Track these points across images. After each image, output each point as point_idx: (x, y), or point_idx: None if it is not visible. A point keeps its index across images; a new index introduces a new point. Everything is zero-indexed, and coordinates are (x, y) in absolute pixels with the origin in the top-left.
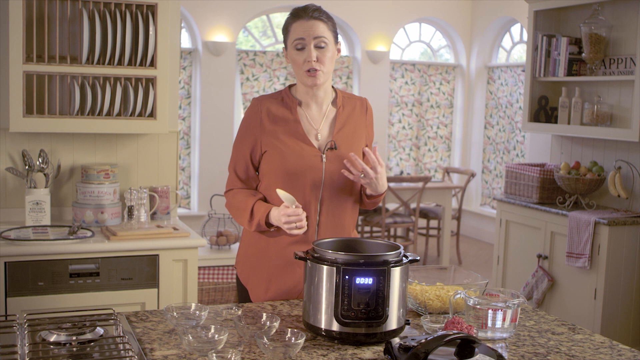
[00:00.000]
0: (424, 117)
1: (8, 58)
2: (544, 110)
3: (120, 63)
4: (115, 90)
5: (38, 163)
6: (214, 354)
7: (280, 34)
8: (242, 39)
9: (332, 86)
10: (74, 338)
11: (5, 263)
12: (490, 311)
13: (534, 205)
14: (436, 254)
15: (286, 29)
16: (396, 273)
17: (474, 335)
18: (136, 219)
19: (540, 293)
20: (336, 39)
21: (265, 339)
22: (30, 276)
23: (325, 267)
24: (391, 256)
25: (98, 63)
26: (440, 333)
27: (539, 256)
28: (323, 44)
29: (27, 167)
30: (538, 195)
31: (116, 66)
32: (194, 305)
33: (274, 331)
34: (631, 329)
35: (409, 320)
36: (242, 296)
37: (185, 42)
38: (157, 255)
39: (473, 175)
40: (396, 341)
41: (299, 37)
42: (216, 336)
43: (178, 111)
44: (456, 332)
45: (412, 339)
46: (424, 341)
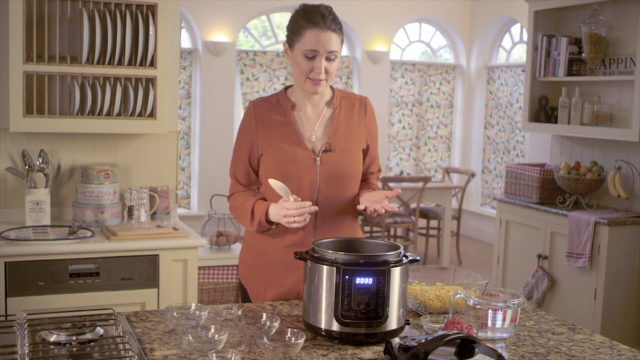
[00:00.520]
0: (424, 117)
1: (8, 58)
2: (544, 110)
3: (120, 63)
4: (115, 90)
5: (38, 163)
6: (214, 354)
7: (281, 33)
8: (242, 39)
9: (330, 85)
10: (74, 338)
11: (5, 263)
12: (490, 311)
13: (534, 205)
14: (436, 254)
15: (297, 30)
16: (396, 273)
17: (474, 335)
18: (136, 219)
19: (540, 293)
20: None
21: (265, 339)
22: (30, 276)
23: (325, 267)
24: (391, 256)
25: (98, 63)
26: (440, 333)
27: (539, 256)
28: (334, 57)
29: (27, 167)
30: (538, 195)
31: (116, 66)
32: (194, 305)
33: (274, 331)
34: (631, 329)
35: (409, 320)
36: (243, 296)
37: (185, 42)
38: (157, 255)
39: (473, 175)
40: (396, 341)
41: (313, 48)
42: (216, 336)
43: (178, 111)
44: (456, 332)
45: (412, 339)
46: (424, 341)
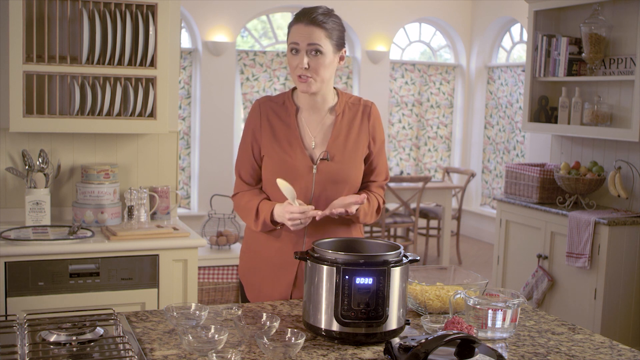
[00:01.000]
0: (424, 117)
1: (8, 58)
2: (544, 110)
3: (120, 63)
4: (115, 90)
5: (38, 163)
6: (214, 354)
7: (281, 33)
8: (242, 39)
9: (337, 90)
10: (74, 338)
11: (5, 263)
12: (490, 311)
13: (534, 205)
14: (436, 254)
15: (288, 29)
16: (396, 273)
17: (474, 335)
18: (136, 219)
19: (540, 293)
20: (339, 46)
21: (265, 339)
22: (30, 276)
23: (325, 267)
24: (391, 256)
25: (98, 63)
26: (440, 333)
27: (539, 256)
28: (317, 52)
29: (27, 167)
30: (538, 195)
31: (116, 66)
32: (194, 305)
33: (274, 331)
34: (631, 329)
35: (409, 320)
36: (242, 294)
37: (185, 42)
38: (157, 255)
39: (473, 175)
40: (396, 341)
41: (294, 41)
42: (216, 336)
43: (178, 111)
44: (456, 332)
45: (412, 339)
46: (424, 341)
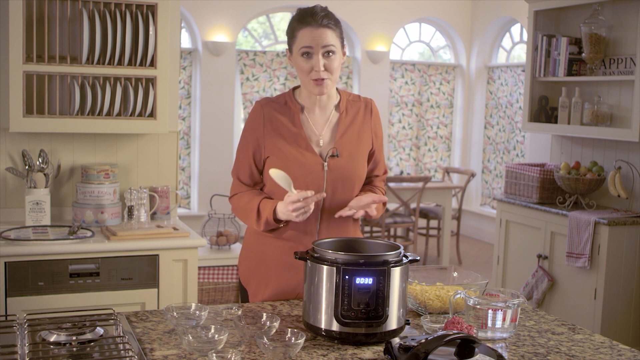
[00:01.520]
0: (424, 117)
1: (8, 58)
2: (544, 110)
3: (120, 63)
4: (115, 90)
5: (38, 163)
6: (214, 354)
7: (281, 34)
8: (242, 39)
9: (337, 89)
10: (74, 338)
11: (5, 263)
12: (490, 311)
13: (534, 205)
14: (436, 254)
15: (292, 33)
16: (396, 273)
17: (474, 335)
18: (136, 219)
19: (540, 293)
20: (343, 43)
21: (265, 339)
22: (30, 276)
23: (325, 267)
24: (391, 256)
25: (98, 63)
26: (440, 333)
27: (539, 256)
28: (331, 52)
29: (27, 167)
30: (538, 195)
31: (116, 66)
32: (194, 305)
33: (274, 331)
34: (631, 329)
35: (409, 320)
36: (243, 297)
37: (185, 42)
38: (157, 255)
39: (473, 175)
40: (396, 341)
41: (307, 45)
42: (216, 336)
43: (178, 111)
44: (456, 332)
45: (412, 339)
46: (424, 341)
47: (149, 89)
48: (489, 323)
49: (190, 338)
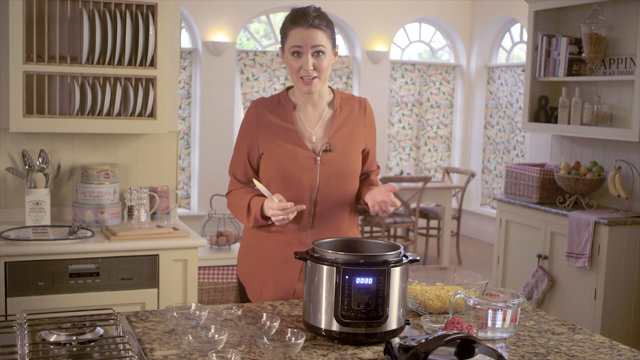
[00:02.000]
0: (424, 117)
1: (8, 58)
2: (544, 110)
3: (120, 63)
4: (115, 90)
5: (38, 163)
6: (214, 354)
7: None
8: (242, 39)
9: (330, 87)
10: (74, 338)
11: (5, 263)
12: (490, 311)
13: (534, 205)
14: (436, 254)
15: (284, 32)
16: (396, 273)
17: (474, 335)
18: (136, 219)
19: (540, 293)
20: (334, 44)
21: (265, 339)
22: (30, 276)
23: (325, 267)
24: (391, 256)
25: (98, 63)
26: (440, 333)
27: (539, 256)
28: (321, 52)
29: (27, 167)
30: (538, 195)
31: (116, 66)
32: (194, 305)
33: (274, 331)
34: (631, 329)
35: (409, 320)
36: (241, 294)
37: (185, 42)
38: (157, 255)
39: (473, 175)
40: (396, 341)
41: (297, 44)
42: (216, 336)
43: (178, 111)
44: (456, 332)
45: (412, 339)
46: (424, 341)
47: (149, 89)
48: (489, 323)
49: (190, 338)
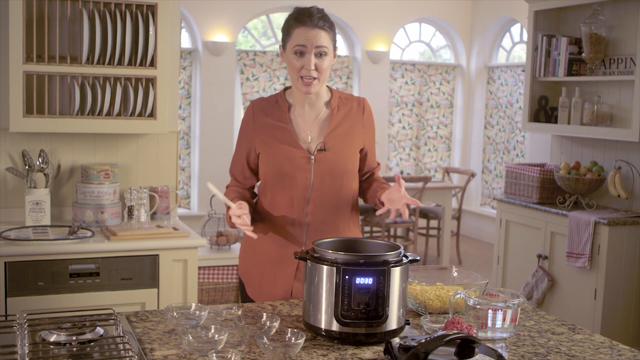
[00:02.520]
0: (424, 117)
1: (8, 58)
2: (544, 110)
3: (120, 63)
4: (115, 90)
5: (38, 163)
6: (214, 354)
7: (281, 33)
8: (242, 39)
9: (329, 87)
10: (74, 338)
11: (5, 263)
12: (490, 311)
13: (534, 205)
14: (436, 254)
15: (287, 31)
16: (396, 273)
17: (474, 335)
18: (136, 219)
19: (540, 293)
20: (335, 46)
21: (265, 339)
22: (30, 276)
23: (325, 267)
24: (391, 256)
25: (98, 63)
26: (440, 333)
27: (539, 256)
28: (323, 53)
29: (27, 167)
30: (538, 195)
31: (116, 66)
32: (194, 305)
33: (274, 331)
34: (631, 329)
35: (409, 320)
36: (242, 291)
37: (185, 42)
38: (157, 255)
39: (473, 175)
40: (396, 341)
41: (300, 44)
42: (216, 336)
43: (178, 111)
44: (456, 332)
45: (412, 339)
46: (424, 341)
47: (149, 89)
48: (489, 323)
49: (190, 338)
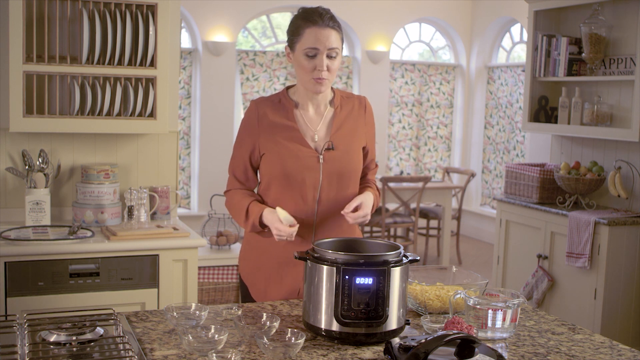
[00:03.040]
0: (424, 117)
1: (8, 58)
2: (544, 110)
3: (120, 63)
4: (115, 90)
5: (38, 163)
6: (214, 354)
7: (281, 33)
8: (242, 39)
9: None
10: (74, 338)
11: (5, 263)
12: (490, 311)
13: (534, 205)
14: (436, 254)
15: (297, 31)
16: (396, 273)
17: (474, 335)
18: (136, 219)
19: (540, 293)
20: (342, 46)
21: (265, 339)
22: (30, 276)
23: (325, 267)
24: (391, 256)
25: (98, 63)
26: (440, 333)
27: (539, 256)
28: (335, 54)
29: (27, 167)
30: (538, 195)
31: (116, 66)
32: (194, 305)
33: (274, 331)
34: (631, 329)
35: (409, 320)
36: (243, 293)
37: (185, 42)
38: (157, 255)
39: (473, 175)
40: (396, 341)
41: (313, 46)
42: (216, 336)
43: (178, 111)
44: (456, 332)
45: (412, 339)
46: (424, 341)
47: (149, 89)
48: (489, 323)
49: (190, 338)
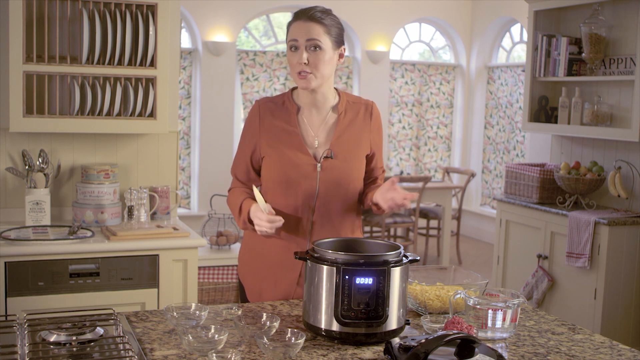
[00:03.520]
0: (424, 117)
1: (8, 58)
2: (544, 110)
3: (120, 63)
4: (115, 90)
5: (38, 163)
6: (214, 354)
7: (281, 33)
8: (242, 39)
9: (337, 90)
10: (74, 338)
11: (5, 263)
12: (490, 311)
13: (534, 205)
14: (436, 254)
15: (287, 28)
16: (396, 273)
17: (474, 335)
18: (136, 219)
19: (540, 293)
20: (338, 43)
21: (265, 339)
22: (30, 276)
23: (325, 267)
24: (391, 256)
25: (98, 63)
26: (440, 333)
27: (539, 256)
28: (316, 47)
29: (27, 167)
30: (538, 195)
31: (116, 66)
32: (194, 305)
33: (274, 331)
34: (631, 329)
35: (409, 320)
36: (242, 294)
37: (185, 42)
38: (157, 255)
39: (473, 175)
40: (396, 341)
41: (293, 37)
42: (216, 336)
43: (178, 111)
44: (456, 332)
45: (412, 339)
46: (424, 341)
47: (149, 89)
48: (489, 323)
49: (190, 338)
